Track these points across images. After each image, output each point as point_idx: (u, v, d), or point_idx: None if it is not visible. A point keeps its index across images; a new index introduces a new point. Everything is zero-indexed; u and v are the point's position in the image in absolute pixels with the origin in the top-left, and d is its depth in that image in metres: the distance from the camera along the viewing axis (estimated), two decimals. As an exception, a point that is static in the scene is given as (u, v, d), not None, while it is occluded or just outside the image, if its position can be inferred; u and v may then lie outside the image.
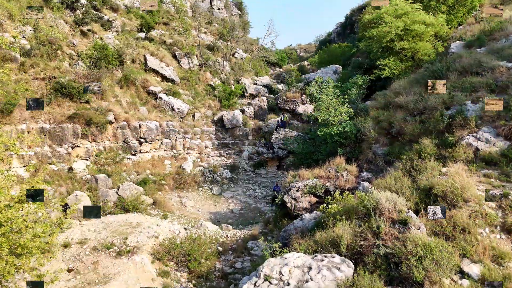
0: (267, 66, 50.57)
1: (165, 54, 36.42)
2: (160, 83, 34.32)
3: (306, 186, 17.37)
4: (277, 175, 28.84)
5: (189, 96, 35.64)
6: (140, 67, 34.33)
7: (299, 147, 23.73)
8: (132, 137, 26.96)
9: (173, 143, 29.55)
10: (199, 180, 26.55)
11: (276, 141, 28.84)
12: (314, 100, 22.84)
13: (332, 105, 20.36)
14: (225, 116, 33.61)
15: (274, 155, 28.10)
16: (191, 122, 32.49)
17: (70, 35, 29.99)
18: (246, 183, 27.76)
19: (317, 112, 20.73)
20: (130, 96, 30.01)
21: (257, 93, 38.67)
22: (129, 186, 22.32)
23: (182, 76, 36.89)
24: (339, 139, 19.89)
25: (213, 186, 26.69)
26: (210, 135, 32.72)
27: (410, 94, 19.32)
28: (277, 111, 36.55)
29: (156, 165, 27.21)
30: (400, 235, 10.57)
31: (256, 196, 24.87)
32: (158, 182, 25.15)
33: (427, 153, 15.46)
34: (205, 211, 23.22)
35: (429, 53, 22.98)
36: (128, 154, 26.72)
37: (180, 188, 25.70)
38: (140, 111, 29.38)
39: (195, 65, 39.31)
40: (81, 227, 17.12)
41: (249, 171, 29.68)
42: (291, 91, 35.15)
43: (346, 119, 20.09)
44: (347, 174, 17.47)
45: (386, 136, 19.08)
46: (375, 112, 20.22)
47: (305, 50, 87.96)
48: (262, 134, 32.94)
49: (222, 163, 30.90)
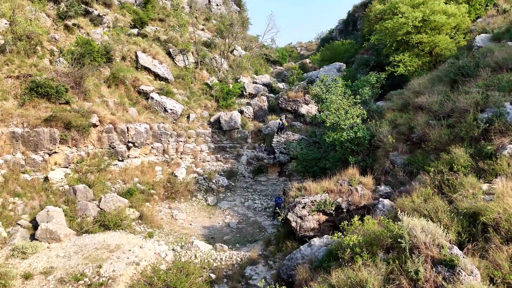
0: (267, 64, 47.69)
1: (158, 51, 33.55)
2: (152, 82, 31.48)
3: (314, 202, 14.55)
4: (278, 182, 26.02)
5: (184, 96, 32.80)
6: (131, 64, 31.50)
7: (303, 153, 20.91)
8: (119, 141, 24.13)
9: (165, 147, 26.71)
10: (193, 189, 23.74)
11: (278, 145, 26.01)
12: (320, 100, 20.03)
13: (342, 107, 17.49)
14: (222, 117, 30.77)
15: (276, 160, 25.28)
16: (186, 124, 29.66)
17: (52, 29, 27.10)
18: (245, 192, 24.94)
19: (325, 114, 17.87)
20: (119, 96, 27.16)
21: (256, 93, 35.81)
22: (112, 198, 19.52)
23: (177, 74, 34.04)
24: (350, 146, 17.07)
25: (208, 195, 23.87)
26: (206, 138, 29.89)
27: (433, 94, 16.48)
28: (278, 111, 33.70)
29: (145, 172, 24.38)
30: (448, 285, 7.80)
31: (256, 208, 22.05)
32: (147, 191, 22.32)
33: (461, 165, 12.63)
34: (198, 225, 20.41)
35: (449, 47, 20.12)
36: (115, 160, 23.89)
37: (172, 198, 22.89)
38: (129, 112, 26.53)
39: (190, 62, 36.44)
40: (49, 252, 14.31)
41: (248, 177, 26.85)
42: (293, 90, 32.29)
43: (359, 122, 17.25)
44: (362, 188, 14.65)
45: (405, 143, 16.24)
46: (392, 115, 17.39)
47: (306, 48, 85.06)
48: (262, 137, 30.11)
49: (219, 168, 28.08)
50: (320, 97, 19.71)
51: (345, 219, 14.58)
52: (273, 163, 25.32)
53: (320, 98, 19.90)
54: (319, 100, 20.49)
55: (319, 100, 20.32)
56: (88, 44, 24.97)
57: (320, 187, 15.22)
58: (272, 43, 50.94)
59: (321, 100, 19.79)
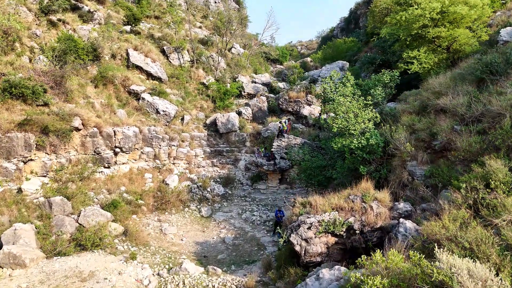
0: (266, 63, 45.33)
1: (151, 48, 31.20)
2: (144, 81, 29.16)
3: (321, 222, 12.26)
4: (279, 190, 23.72)
5: (178, 96, 30.50)
6: (121, 63, 29.20)
7: (306, 160, 18.61)
8: (105, 146, 21.83)
9: (156, 152, 24.41)
10: (185, 199, 21.44)
11: (278, 150, 23.71)
12: (327, 101, 17.73)
13: (352, 109, 15.18)
14: (219, 119, 28.48)
15: (276, 167, 22.98)
16: (179, 127, 27.36)
17: (34, 25, 24.78)
18: (242, 201, 22.65)
19: (331, 118, 15.54)
20: (106, 97, 24.85)
21: (255, 93, 33.50)
22: (93, 211, 17.25)
23: (171, 73, 31.73)
24: (361, 154, 14.76)
25: (202, 205, 21.58)
26: (201, 141, 27.59)
27: (457, 95, 14.18)
28: (278, 112, 31.42)
29: (134, 180, 22.10)
30: None
31: (254, 221, 19.75)
32: (134, 202, 20.04)
33: (499, 181, 10.37)
34: (190, 241, 18.13)
35: (470, 42, 17.80)
36: (100, 167, 21.61)
37: (162, 209, 20.60)
38: (117, 114, 24.22)
39: (186, 61, 34.11)
40: (10, 282, 12.01)
41: (246, 185, 24.57)
42: (295, 90, 29.98)
43: (371, 127, 14.94)
44: (378, 206, 12.35)
45: (425, 151, 13.96)
46: (408, 118, 15.08)
47: (306, 47, 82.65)
48: (261, 140, 27.83)
49: (215, 174, 25.79)
50: (328, 97, 17.38)
51: (358, 242, 12.32)
52: (273, 170, 23.03)
53: (327, 97, 17.57)
54: (325, 99, 18.17)
55: (326, 99, 18.00)
56: (70, 40, 22.63)
57: (329, 204, 12.92)
58: (272, 41, 48.60)
59: (328, 99, 17.47)
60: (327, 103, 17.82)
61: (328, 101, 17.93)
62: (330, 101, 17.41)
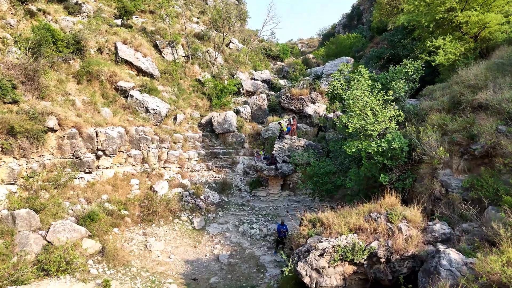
0: (267, 60, 42.61)
1: (142, 42, 28.51)
2: (134, 77, 26.49)
3: (337, 248, 9.61)
4: (281, 197, 21.06)
5: (171, 94, 27.84)
6: (109, 57, 26.53)
7: (313, 165, 15.93)
8: (85, 149, 19.17)
9: (145, 155, 21.75)
10: (176, 208, 18.77)
11: (280, 153, 21.05)
12: (336, 98, 15.10)
13: (370, 106, 12.50)
14: (215, 119, 25.81)
15: (278, 172, 20.29)
16: (171, 127, 24.70)
17: (10, 14, 22.08)
18: (240, 210, 19.98)
19: (345, 117, 12.84)
20: (90, 94, 22.17)
21: (255, 90, 30.83)
22: (65, 226, 14.61)
23: (164, 69, 29.06)
24: (381, 160, 12.10)
25: (195, 215, 18.91)
26: (196, 142, 24.93)
27: (499, 88, 11.52)
28: (279, 111, 28.75)
29: (118, 187, 19.44)
30: None
31: (253, 235, 17.07)
32: (117, 213, 17.38)
33: None
34: (179, 258, 15.50)
35: (503, 29, 15.13)
36: (80, 173, 18.96)
37: (148, 220, 17.95)
38: (101, 113, 21.57)
39: (180, 56, 31.44)
40: None
41: (244, 191, 21.90)
42: (297, 87, 27.30)
43: (393, 127, 12.27)
44: (407, 227, 9.69)
45: (461, 157, 11.30)
46: (437, 117, 12.41)
47: (307, 45, 79.83)
48: (261, 141, 25.17)
49: (210, 179, 23.12)
50: (338, 94, 14.73)
51: (383, 273, 9.63)
52: (275, 175, 20.35)
53: (337, 95, 14.91)
54: (334, 97, 15.51)
55: (335, 97, 15.35)
56: (46, 30, 19.92)
57: (345, 223, 10.26)
58: (272, 37, 45.92)
59: (338, 97, 14.82)
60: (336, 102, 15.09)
61: (336, 99, 15.25)
62: (340, 99, 14.71)
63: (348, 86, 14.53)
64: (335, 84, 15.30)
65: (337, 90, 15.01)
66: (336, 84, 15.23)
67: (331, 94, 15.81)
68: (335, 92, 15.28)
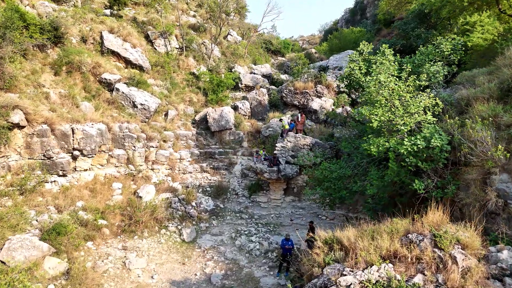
0: (267, 54, 39.84)
1: (130, 31, 25.75)
2: (122, 70, 23.74)
3: (366, 284, 6.88)
4: (284, 203, 18.30)
5: (163, 88, 25.10)
6: (94, 48, 23.79)
7: (324, 168, 13.16)
8: (59, 149, 16.44)
9: (130, 155, 19.01)
10: (163, 217, 16.04)
11: (283, 152, 18.30)
12: (354, 85, 12.36)
13: (399, 95, 9.76)
14: (210, 115, 23.07)
15: (280, 174, 17.52)
16: (161, 124, 21.95)
17: (-23, -4, 19.35)
18: (237, 218, 17.22)
19: (366, 110, 10.04)
20: (69, 87, 19.42)
21: (254, 84, 28.08)
22: (22, 241, 11.87)
23: (155, 61, 26.28)
24: (414, 161, 9.35)
25: (185, 225, 16.16)
26: (189, 141, 22.19)
27: None
28: (281, 107, 26.00)
29: (98, 192, 16.72)
30: None
31: (252, 250, 14.29)
32: (92, 223, 14.63)
33: None
34: (163, 279, 12.77)
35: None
36: (53, 176, 16.23)
37: (130, 231, 15.21)
38: (80, 108, 18.83)
39: (173, 48, 28.67)
40: None
41: (242, 196, 19.14)
42: (301, 80, 24.51)
43: (430, 120, 9.51)
44: (463, 255, 6.95)
45: (522, 158, 8.54)
46: (485, 107, 9.65)
47: (308, 42, 76.94)
48: (261, 140, 22.42)
49: (205, 182, 20.39)
50: (355, 80, 11.98)
51: (432, 319, 6.96)
52: (277, 178, 17.58)
53: (354, 81, 12.17)
54: (350, 84, 12.75)
55: (351, 84, 12.59)
56: (14, 11, 17.15)
57: (375, 247, 7.52)
58: (273, 30, 43.15)
59: (355, 84, 12.07)
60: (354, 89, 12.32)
61: (353, 86, 12.49)
62: (358, 86, 11.95)
63: (369, 71, 11.80)
64: (353, 67, 12.50)
65: (355, 75, 12.24)
66: (354, 67, 12.44)
67: (348, 80, 13.03)
68: (352, 78, 12.51)
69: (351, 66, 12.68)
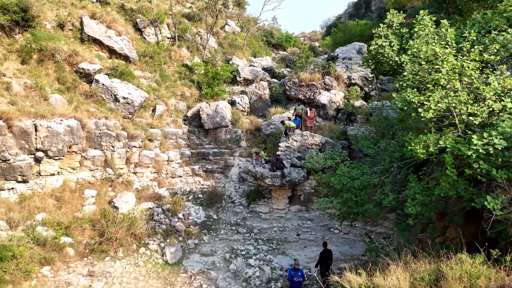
0: (267, 48, 36.74)
1: (115, 17, 22.68)
2: (105, 60, 20.72)
3: None
4: (288, 214, 15.22)
5: (151, 80, 22.07)
6: (73, 35, 20.77)
7: (341, 175, 10.11)
8: (18, 149, 13.41)
9: (108, 156, 15.97)
10: (142, 232, 13.01)
11: (287, 153, 15.25)
12: (383, 65, 9.29)
13: (462, 73, 6.72)
14: (204, 110, 20.05)
15: (285, 180, 14.43)
16: (148, 120, 18.93)
17: None
18: (233, 233, 14.16)
19: (412, 94, 6.97)
20: (36, 77, 16.38)
21: (254, 78, 25.04)
22: None
23: (144, 51, 23.23)
24: (486, 168, 6.28)
25: (169, 242, 13.12)
26: (179, 140, 19.17)
27: None
28: (284, 102, 22.97)
29: (66, 201, 13.70)
30: None
31: (250, 278, 11.21)
32: (52, 242, 11.61)
33: None
34: (137, 317, 9.72)
35: None
36: (10, 182, 13.22)
37: (101, 250, 12.20)
38: (50, 101, 15.81)
39: (165, 37, 25.61)
40: None
41: (239, 204, 16.09)
42: (307, 71, 21.42)
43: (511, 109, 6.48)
44: None
45: None
46: None
47: (310, 39, 73.78)
48: (261, 139, 19.38)
49: (196, 187, 17.35)
50: (385, 59, 8.93)
51: None
52: (281, 184, 14.51)
53: (383, 60, 9.11)
54: (378, 64, 9.69)
55: (379, 64, 9.52)
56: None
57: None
58: (274, 22, 40.10)
59: (385, 64, 9.03)
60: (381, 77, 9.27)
61: (383, 66, 9.43)
62: (389, 67, 8.88)
63: (403, 47, 8.79)
64: (382, 43, 9.43)
65: (385, 53, 9.15)
66: (383, 43, 9.37)
67: (373, 61, 9.98)
68: (379, 58, 9.45)
69: (378, 42, 9.58)
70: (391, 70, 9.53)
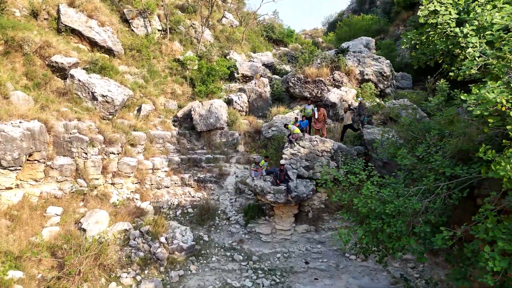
0: (268, 43, 33.97)
1: (97, 6, 19.94)
2: (85, 53, 18.01)
3: None
4: (294, 235, 12.48)
5: (138, 77, 19.40)
6: (49, 25, 18.15)
7: (368, 195, 7.45)
8: (-38, 159, 10.73)
9: (80, 164, 13.29)
10: (113, 262, 10.34)
11: (294, 162, 12.55)
12: (442, 43, 6.58)
13: None
14: (196, 110, 17.37)
15: (291, 196, 11.72)
16: (131, 121, 16.24)
17: None
18: (227, 260, 11.46)
19: (503, 90, 4.32)
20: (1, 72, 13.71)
21: (253, 74, 22.33)
22: None
23: (130, 44, 20.52)
24: None
25: (147, 274, 10.45)
26: (167, 144, 16.48)
27: None
28: (287, 100, 20.30)
29: (23, 222, 11.05)
30: None
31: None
32: (-6, 279, 8.92)
33: None
34: None
35: None
36: (-49, 199, 10.55)
37: (60, 287, 9.48)
38: (10, 99, 13.11)
39: (155, 29, 22.89)
40: None
41: (235, 222, 13.39)
42: (314, 65, 18.68)
43: None
44: None
45: None
46: None
47: (311, 36, 71.02)
48: (261, 143, 16.68)
49: (186, 200, 14.67)
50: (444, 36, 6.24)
51: None
52: (286, 201, 11.81)
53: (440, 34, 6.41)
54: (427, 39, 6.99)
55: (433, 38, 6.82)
56: None
57: None
58: (275, 17, 37.34)
59: (443, 43, 6.35)
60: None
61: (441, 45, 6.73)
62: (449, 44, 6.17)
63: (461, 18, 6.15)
64: (435, 7, 6.59)
65: (443, 22, 6.38)
66: (437, 7, 6.56)
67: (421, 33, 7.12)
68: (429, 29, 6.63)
69: (430, 7, 6.79)
70: (444, 52, 6.80)
